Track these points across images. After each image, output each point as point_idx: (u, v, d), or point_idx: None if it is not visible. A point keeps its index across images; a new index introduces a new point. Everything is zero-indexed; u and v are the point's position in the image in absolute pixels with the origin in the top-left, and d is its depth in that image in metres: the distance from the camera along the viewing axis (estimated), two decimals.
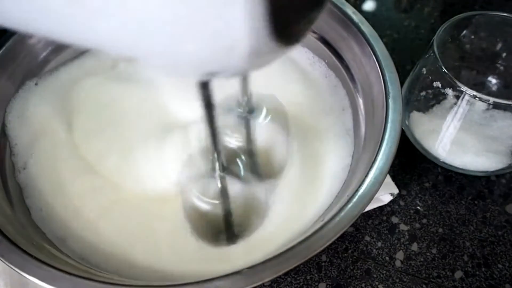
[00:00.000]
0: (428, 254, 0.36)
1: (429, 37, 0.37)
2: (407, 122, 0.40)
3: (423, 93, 0.38)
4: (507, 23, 0.38)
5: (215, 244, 0.31)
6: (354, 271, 0.35)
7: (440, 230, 0.37)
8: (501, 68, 0.41)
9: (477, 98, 0.33)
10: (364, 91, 0.35)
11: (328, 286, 0.34)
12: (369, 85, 0.34)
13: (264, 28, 0.16)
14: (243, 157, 0.31)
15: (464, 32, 0.39)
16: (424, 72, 0.37)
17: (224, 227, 0.31)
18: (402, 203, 0.38)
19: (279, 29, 0.16)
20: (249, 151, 0.32)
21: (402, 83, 0.40)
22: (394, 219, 0.37)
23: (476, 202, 0.38)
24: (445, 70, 0.34)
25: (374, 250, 0.36)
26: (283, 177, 0.34)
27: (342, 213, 0.27)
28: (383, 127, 0.30)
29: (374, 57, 0.34)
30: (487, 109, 0.34)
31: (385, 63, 0.33)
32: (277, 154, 0.34)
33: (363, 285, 0.34)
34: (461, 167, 0.38)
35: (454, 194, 0.39)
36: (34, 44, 0.38)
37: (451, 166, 0.39)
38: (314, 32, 0.39)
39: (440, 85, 0.36)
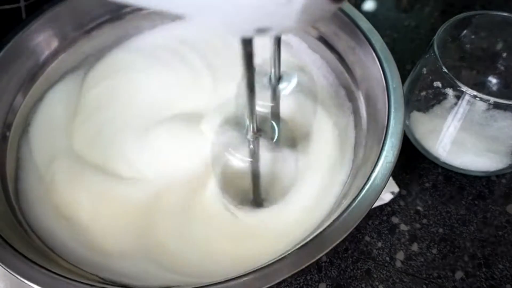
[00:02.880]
0: (428, 254, 0.36)
1: (429, 37, 0.37)
2: (407, 122, 0.40)
3: (423, 93, 0.38)
4: (507, 23, 0.38)
5: (241, 204, 0.33)
6: (354, 271, 0.35)
7: (441, 230, 0.37)
8: (502, 68, 0.41)
9: (477, 98, 0.33)
10: (364, 87, 0.35)
11: (328, 286, 0.34)
12: (369, 80, 0.34)
13: None
14: (274, 123, 0.32)
15: (464, 32, 0.39)
16: (424, 72, 0.37)
17: (252, 187, 0.32)
18: (402, 203, 0.38)
19: None
20: (278, 118, 0.33)
21: (402, 83, 0.40)
22: (394, 219, 0.37)
23: (476, 202, 0.38)
24: (446, 70, 0.34)
25: (374, 250, 0.36)
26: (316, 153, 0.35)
27: (348, 211, 0.27)
28: (386, 122, 0.30)
29: (373, 51, 0.34)
30: (488, 109, 0.34)
31: (384, 56, 0.33)
32: (304, 125, 0.35)
33: (363, 285, 0.34)
34: (461, 167, 0.38)
35: (454, 194, 0.39)
36: (35, 46, 0.38)
37: (451, 166, 0.38)
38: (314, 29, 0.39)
39: (440, 85, 0.35)
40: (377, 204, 0.37)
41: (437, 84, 0.36)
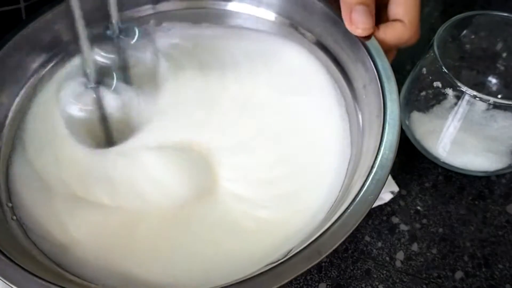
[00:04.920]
0: (428, 254, 0.36)
1: (429, 37, 0.37)
2: (407, 122, 0.40)
3: (423, 93, 0.38)
4: (507, 23, 0.38)
5: (95, 147, 0.35)
6: (354, 271, 0.35)
7: (440, 230, 0.37)
8: (501, 68, 0.41)
9: (477, 98, 0.33)
10: (356, 84, 0.36)
11: (328, 286, 0.34)
12: (362, 78, 0.34)
13: None
14: (115, 72, 0.34)
15: (464, 32, 0.39)
16: (424, 72, 0.37)
17: (102, 132, 0.35)
18: (402, 203, 0.38)
19: None
20: (121, 66, 0.36)
21: (402, 83, 0.40)
22: (394, 219, 0.37)
23: (476, 202, 0.38)
24: (445, 70, 0.34)
25: (374, 250, 0.36)
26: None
27: (350, 208, 0.28)
28: (382, 118, 0.30)
29: (365, 50, 0.34)
30: (487, 109, 0.34)
31: (376, 53, 0.33)
32: (148, 68, 0.37)
33: (363, 285, 0.34)
34: (461, 167, 0.38)
35: (454, 194, 0.39)
36: (24, 56, 0.37)
37: (451, 166, 0.39)
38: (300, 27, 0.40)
39: (440, 85, 0.35)
40: (377, 204, 0.37)
41: (437, 84, 0.36)
